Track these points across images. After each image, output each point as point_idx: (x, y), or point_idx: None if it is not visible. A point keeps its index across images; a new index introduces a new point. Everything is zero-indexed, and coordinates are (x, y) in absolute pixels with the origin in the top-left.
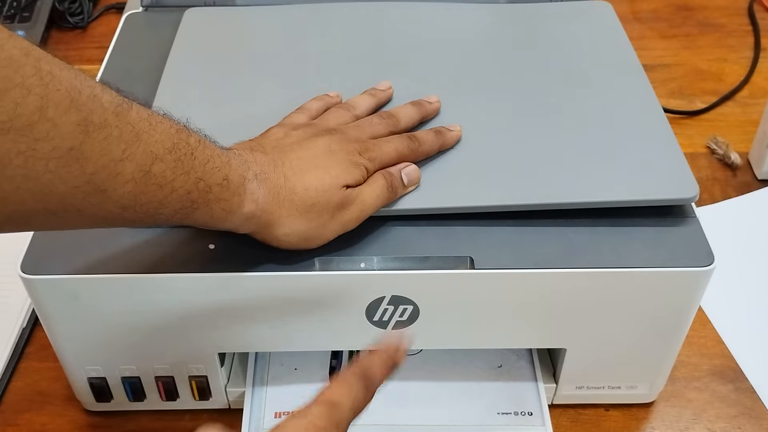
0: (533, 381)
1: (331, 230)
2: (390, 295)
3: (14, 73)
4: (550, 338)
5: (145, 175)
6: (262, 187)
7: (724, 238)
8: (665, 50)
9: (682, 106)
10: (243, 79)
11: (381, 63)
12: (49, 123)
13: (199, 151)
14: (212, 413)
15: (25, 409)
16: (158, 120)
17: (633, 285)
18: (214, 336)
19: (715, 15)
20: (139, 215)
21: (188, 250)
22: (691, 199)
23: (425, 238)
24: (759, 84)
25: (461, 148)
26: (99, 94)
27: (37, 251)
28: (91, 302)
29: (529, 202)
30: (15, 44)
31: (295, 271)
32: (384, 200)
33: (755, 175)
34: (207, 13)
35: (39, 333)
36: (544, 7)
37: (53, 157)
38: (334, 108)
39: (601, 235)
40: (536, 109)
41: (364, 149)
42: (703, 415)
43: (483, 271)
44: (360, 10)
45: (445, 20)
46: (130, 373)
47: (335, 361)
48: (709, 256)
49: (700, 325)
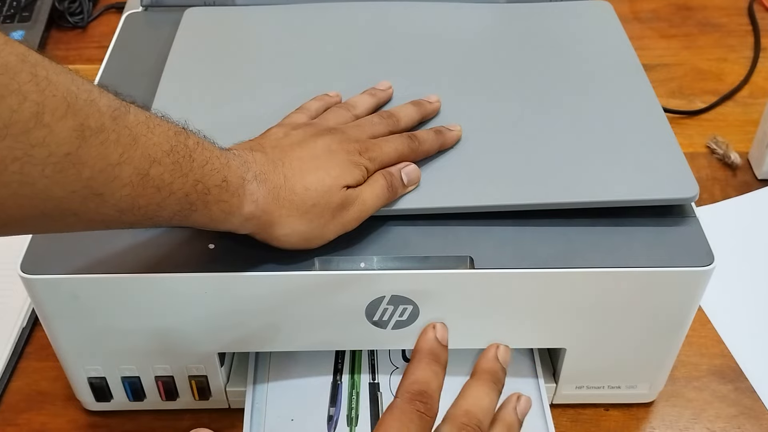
0: (534, 381)
1: (331, 230)
2: (390, 295)
3: (10, 80)
4: (550, 338)
5: (143, 179)
6: (261, 188)
7: (724, 238)
8: (665, 50)
9: (682, 106)
10: (243, 79)
11: (381, 63)
12: (46, 129)
13: (198, 153)
14: (212, 413)
15: (25, 409)
16: (156, 122)
17: (633, 285)
18: (214, 336)
19: (715, 15)
20: (137, 218)
21: (188, 250)
22: (691, 199)
23: (425, 238)
24: (759, 84)
25: (461, 147)
26: (96, 99)
27: (36, 251)
28: (91, 302)
29: (529, 202)
30: (11, 50)
31: (295, 271)
32: (384, 200)
33: (755, 175)
34: (207, 13)
35: (39, 333)
36: (544, 7)
37: (50, 163)
38: (334, 108)
39: (601, 235)
40: (536, 108)
41: (364, 149)
42: (703, 415)
43: (483, 271)
44: (360, 9)
45: (445, 20)
46: (130, 373)
47: (333, 409)
48: (709, 255)
49: (700, 325)
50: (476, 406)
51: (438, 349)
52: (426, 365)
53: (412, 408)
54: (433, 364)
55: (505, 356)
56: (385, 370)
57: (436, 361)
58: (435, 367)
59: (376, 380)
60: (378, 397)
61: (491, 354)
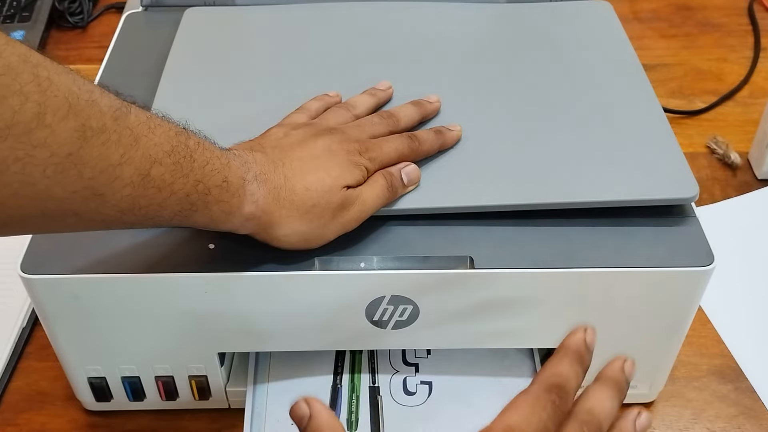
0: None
1: (331, 231)
2: (390, 295)
3: (12, 81)
4: (550, 338)
5: (144, 179)
6: (262, 188)
7: (724, 238)
8: (665, 50)
9: (682, 106)
10: (243, 78)
11: (381, 63)
12: (47, 129)
13: (198, 153)
14: (212, 413)
15: (25, 408)
16: (157, 123)
17: (633, 285)
18: (214, 336)
19: (715, 15)
20: (138, 218)
21: (188, 250)
22: (691, 199)
23: (425, 238)
24: (759, 84)
25: (461, 147)
26: (97, 99)
27: (37, 251)
28: (91, 302)
29: (529, 202)
30: (13, 51)
31: (295, 271)
32: (384, 200)
33: (755, 174)
34: (207, 13)
35: (39, 333)
36: (544, 7)
37: (51, 163)
38: (334, 108)
39: (601, 235)
40: (536, 108)
41: (364, 149)
42: (703, 415)
43: (483, 271)
44: (360, 9)
45: (445, 20)
46: (130, 373)
47: None
48: (708, 255)
49: (700, 325)
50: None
51: (584, 351)
52: (570, 363)
53: (548, 397)
54: (576, 364)
55: (630, 371)
56: (386, 373)
57: (580, 363)
58: (577, 368)
59: (377, 384)
60: (378, 400)
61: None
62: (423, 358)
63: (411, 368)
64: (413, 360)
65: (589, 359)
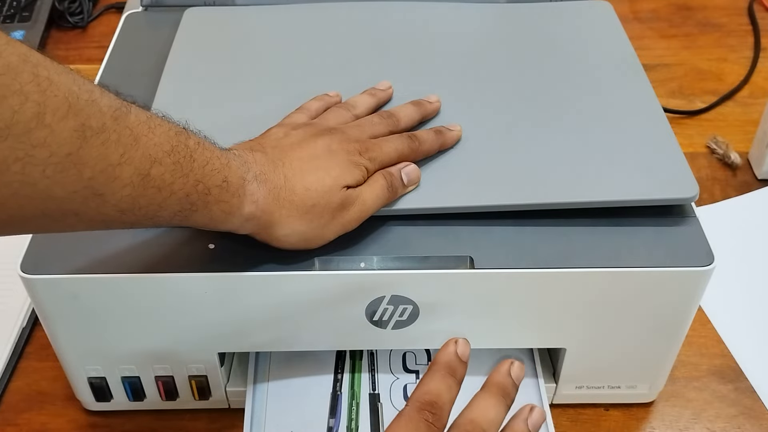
0: (534, 381)
1: (331, 231)
2: (390, 295)
3: (12, 81)
4: (550, 338)
5: (144, 179)
6: (262, 188)
7: (724, 238)
8: (665, 50)
9: (682, 105)
10: (243, 79)
11: (381, 63)
12: (47, 129)
13: (198, 153)
14: (212, 413)
15: (25, 408)
16: (157, 123)
17: (633, 285)
18: (214, 336)
19: (715, 15)
20: (138, 218)
21: (188, 250)
22: (691, 199)
23: (425, 238)
24: (759, 84)
25: (461, 147)
26: (97, 99)
27: (37, 251)
28: (91, 302)
29: (529, 202)
30: (13, 50)
31: (295, 271)
32: (384, 200)
33: (755, 174)
34: (207, 13)
35: (39, 333)
36: (544, 7)
37: (51, 163)
38: (334, 108)
39: (601, 235)
40: (536, 108)
41: (364, 149)
42: (703, 415)
43: (483, 271)
44: (360, 9)
45: (445, 20)
46: (130, 373)
47: (333, 421)
48: (708, 255)
49: (700, 325)
50: (482, 417)
51: (456, 363)
52: (441, 378)
53: (420, 417)
54: (448, 377)
55: (518, 373)
56: (386, 380)
57: (452, 375)
58: (449, 381)
59: (377, 391)
60: (378, 408)
61: (504, 369)
62: (423, 365)
63: (411, 375)
64: (414, 366)
65: (462, 370)
